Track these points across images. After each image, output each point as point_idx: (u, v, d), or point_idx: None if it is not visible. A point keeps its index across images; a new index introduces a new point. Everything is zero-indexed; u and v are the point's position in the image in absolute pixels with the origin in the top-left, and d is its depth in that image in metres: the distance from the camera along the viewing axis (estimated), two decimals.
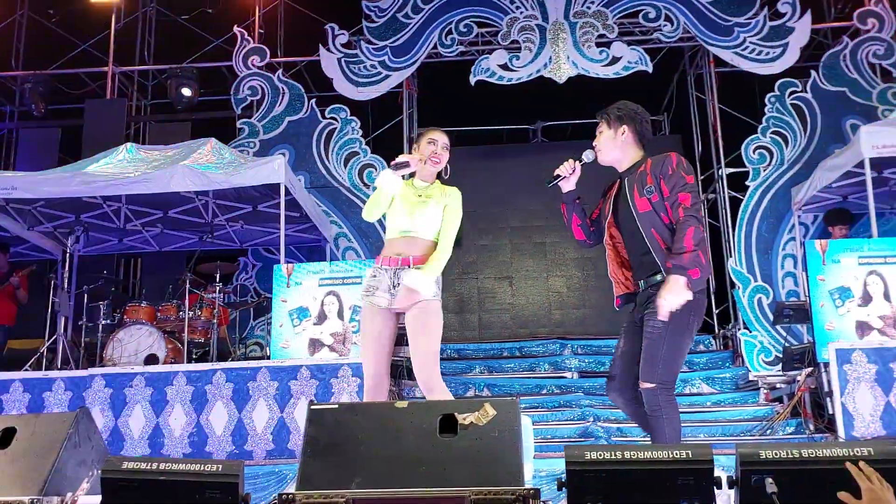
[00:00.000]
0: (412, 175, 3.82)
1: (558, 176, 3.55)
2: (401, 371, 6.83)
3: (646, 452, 2.05)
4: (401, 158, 3.63)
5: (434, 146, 3.74)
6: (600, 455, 2.06)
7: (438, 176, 3.83)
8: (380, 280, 3.61)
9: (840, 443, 1.99)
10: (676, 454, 2.01)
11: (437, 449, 2.27)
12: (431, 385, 3.52)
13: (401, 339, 7.18)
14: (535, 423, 6.92)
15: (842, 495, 1.75)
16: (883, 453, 1.90)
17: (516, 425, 2.34)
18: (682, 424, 6.44)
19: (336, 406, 2.37)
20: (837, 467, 1.93)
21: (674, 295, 3.13)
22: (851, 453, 1.91)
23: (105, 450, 2.78)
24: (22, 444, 2.59)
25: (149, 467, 2.13)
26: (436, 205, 3.71)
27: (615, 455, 2.05)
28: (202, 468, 2.15)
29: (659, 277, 3.26)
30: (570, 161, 3.56)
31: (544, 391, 7.77)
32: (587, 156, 3.58)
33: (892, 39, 8.75)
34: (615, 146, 3.52)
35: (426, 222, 3.68)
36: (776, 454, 1.96)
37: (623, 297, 3.54)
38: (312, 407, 2.39)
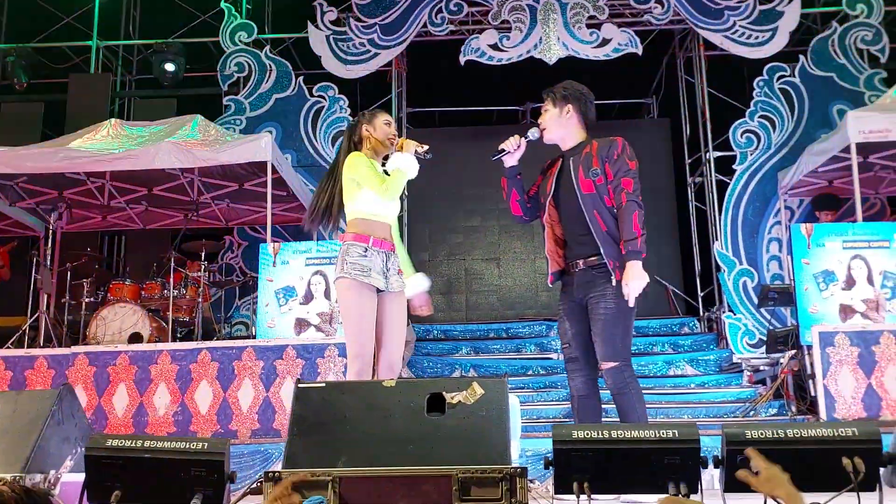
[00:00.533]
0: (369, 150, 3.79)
1: (503, 150, 3.58)
2: None
3: (633, 432, 2.05)
4: (508, 145, 3.57)
5: (391, 127, 3.78)
6: (587, 434, 2.06)
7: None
8: (372, 261, 3.54)
9: (824, 423, 2.01)
10: (663, 433, 2.02)
11: (424, 428, 2.27)
12: (397, 366, 3.63)
13: None
14: (522, 403, 6.96)
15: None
16: (865, 433, 1.92)
17: (504, 404, 2.34)
18: (667, 406, 6.52)
19: (323, 385, 2.36)
20: (821, 447, 1.94)
21: (637, 280, 3.30)
22: (836, 434, 1.92)
23: (88, 427, 2.76)
24: (3, 421, 2.57)
25: (133, 444, 2.11)
26: None
27: (602, 434, 2.06)
28: (188, 446, 2.13)
29: (598, 259, 3.36)
30: (516, 137, 3.60)
31: (530, 372, 7.81)
32: (532, 133, 3.63)
33: (880, 25, 8.76)
34: (559, 124, 3.58)
35: (394, 208, 3.74)
36: (762, 434, 1.97)
37: (556, 273, 3.60)
38: (300, 385, 2.37)
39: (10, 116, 9.76)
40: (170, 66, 9.38)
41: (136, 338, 6.79)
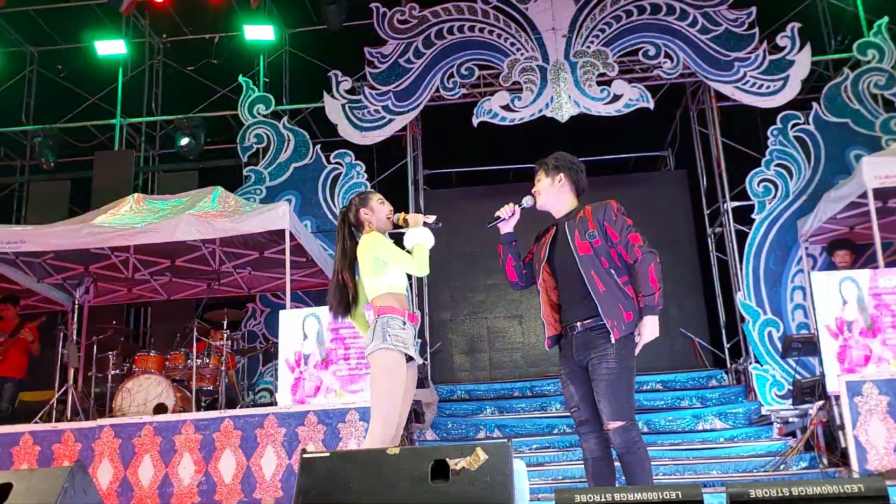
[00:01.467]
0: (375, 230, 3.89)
1: (498, 217, 3.69)
2: (409, 414, 6.78)
3: (636, 494, 2.02)
4: (503, 213, 3.69)
5: (385, 205, 3.89)
6: (590, 497, 2.04)
7: None
8: (409, 335, 3.67)
9: (830, 479, 1.96)
10: (666, 495, 1.99)
11: (428, 495, 2.25)
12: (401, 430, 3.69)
13: (422, 383, 7.21)
14: (547, 463, 6.86)
15: None
16: (871, 489, 1.88)
17: (508, 469, 2.32)
18: (696, 462, 6.38)
19: (328, 454, 2.36)
20: None
21: (651, 335, 3.35)
22: (841, 490, 1.88)
23: (100, 502, 2.78)
24: (17, 498, 2.60)
25: None
26: None
27: (605, 497, 2.03)
28: None
29: (596, 320, 3.39)
30: (510, 204, 3.69)
31: (556, 431, 7.71)
32: (526, 201, 3.71)
33: (892, 69, 8.78)
34: (552, 192, 3.69)
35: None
36: (766, 493, 1.94)
37: (553, 338, 3.64)
38: (304, 456, 2.38)
39: (38, 195, 10.09)
40: (187, 140, 9.66)
41: (160, 408, 6.82)
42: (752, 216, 8.64)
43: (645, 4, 9.27)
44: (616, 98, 8.98)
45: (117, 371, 7.45)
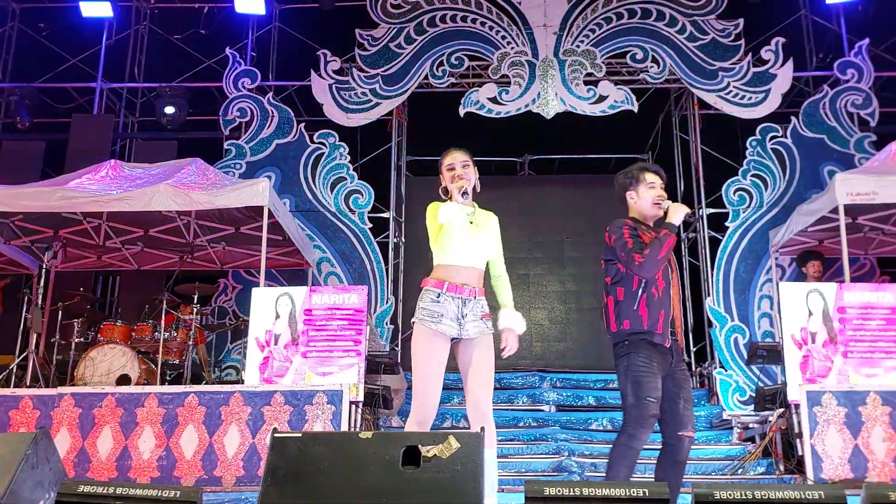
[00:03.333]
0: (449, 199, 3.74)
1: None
2: (377, 400, 6.80)
3: (603, 489, 2.06)
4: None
5: (452, 171, 3.71)
6: (559, 491, 2.07)
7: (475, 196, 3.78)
8: (445, 307, 3.51)
9: (792, 486, 2.02)
10: (634, 492, 2.03)
11: (398, 481, 2.27)
12: (488, 410, 3.54)
13: (377, 368, 7.21)
14: (511, 455, 6.91)
15: None
16: (832, 497, 1.93)
17: (479, 459, 2.34)
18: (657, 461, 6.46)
19: (299, 435, 2.36)
20: None
21: None
22: (802, 497, 1.93)
23: (63, 472, 2.75)
24: None
25: (105, 491, 2.11)
26: (485, 233, 3.69)
27: (573, 491, 2.07)
28: (160, 493, 2.13)
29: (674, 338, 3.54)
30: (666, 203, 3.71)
31: (521, 424, 7.76)
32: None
33: (869, 90, 8.94)
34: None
35: (480, 252, 3.66)
36: (730, 495, 1.98)
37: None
38: (275, 435, 2.38)
39: (11, 154, 9.87)
40: (172, 109, 9.53)
41: (124, 380, 6.76)
42: (726, 223, 8.77)
43: (636, 8, 9.32)
44: (602, 99, 9.03)
45: (81, 339, 7.36)
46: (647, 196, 3.66)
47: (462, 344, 3.57)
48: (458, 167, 3.73)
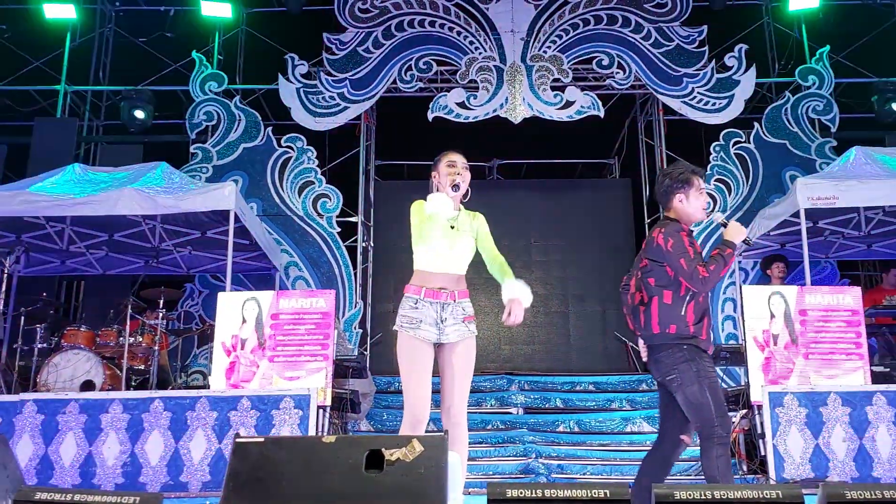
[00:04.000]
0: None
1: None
2: (344, 404, 6.78)
3: (565, 491, 2.09)
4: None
5: (453, 168, 3.71)
6: (521, 493, 2.09)
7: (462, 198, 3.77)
8: (424, 313, 3.52)
9: (751, 486, 2.06)
10: (595, 493, 2.06)
11: (362, 485, 2.27)
12: (462, 418, 3.55)
13: (345, 372, 7.19)
14: (479, 458, 6.94)
15: None
16: (789, 496, 1.98)
17: (443, 462, 2.35)
18: (622, 463, 6.53)
19: (262, 439, 2.36)
20: None
21: None
22: (761, 496, 1.98)
23: (20, 479, 2.71)
24: None
25: (63, 498, 2.09)
26: (467, 236, 3.68)
27: (535, 493, 2.09)
28: (119, 500, 2.11)
29: None
30: (720, 216, 3.80)
31: (489, 426, 7.79)
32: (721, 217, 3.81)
33: (830, 96, 9.14)
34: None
35: (461, 256, 3.66)
36: (690, 495, 2.02)
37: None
38: (237, 440, 2.37)
39: None
40: (138, 113, 9.45)
41: (88, 385, 6.66)
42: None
43: (602, 14, 9.44)
44: (569, 104, 9.13)
45: (45, 345, 7.23)
46: (698, 202, 3.64)
47: (444, 348, 3.58)
48: (460, 166, 3.74)
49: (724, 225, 3.62)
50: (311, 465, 2.28)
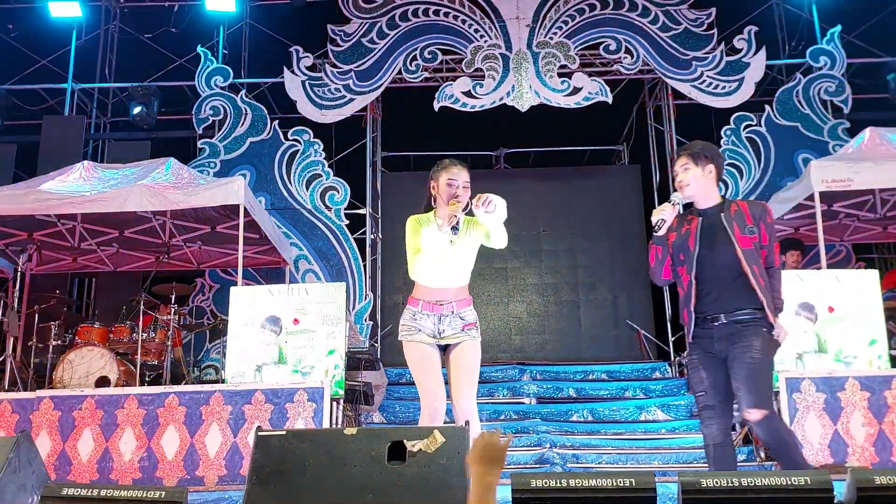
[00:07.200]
0: (430, 210, 3.78)
1: (664, 220, 3.58)
2: (358, 396, 6.78)
3: (590, 480, 2.07)
4: (667, 215, 3.55)
5: (453, 188, 3.69)
6: (546, 483, 2.07)
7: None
8: (421, 324, 3.64)
9: (779, 472, 2.03)
10: (620, 482, 2.04)
11: (384, 476, 2.26)
12: (472, 413, 3.58)
13: (358, 364, 7.19)
14: None
15: None
16: (817, 482, 1.95)
17: (464, 452, 2.34)
18: (638, 452, 6.51)
19: (284, 432, 2.34)
20: (776, 496, 1.96)
21: (786, 335, 3.47)
22: (789, 483, 1.95)
23: (45, 475, 2.71)
24: None
25: (90, 493, 2.08)
26: (465, 244, 3.71)
27: (560, 483, 2.07)
28: (145, 495, 2.11)
29: (746, 314, 3.41)
30: (670, 205, 3.62)
31: (502, 417, 7.77)
32: (679, 198, 3.65)
33: (842, 77, 9.04)
34: (702, 183, 3.62)
35: (460, 269, 3.71)
36: (717, 482, 2.00)
37: (695, 329, 3.57)
38: (260, 433, 2.36)
39: None
40: (144, 109, 9.42)
41: (103, 381, 6.68)
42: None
43: None
44: (576, 91, 9.06)
45: (59, 342, 7.27)
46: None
47: (448, 350, 3.67)
48: (461, 185, 3.72)
49: (673, 204, 3.59)
50: (333, 457, 2.27)
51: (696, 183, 3.60)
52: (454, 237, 3.67)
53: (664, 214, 3.57)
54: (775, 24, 9.96)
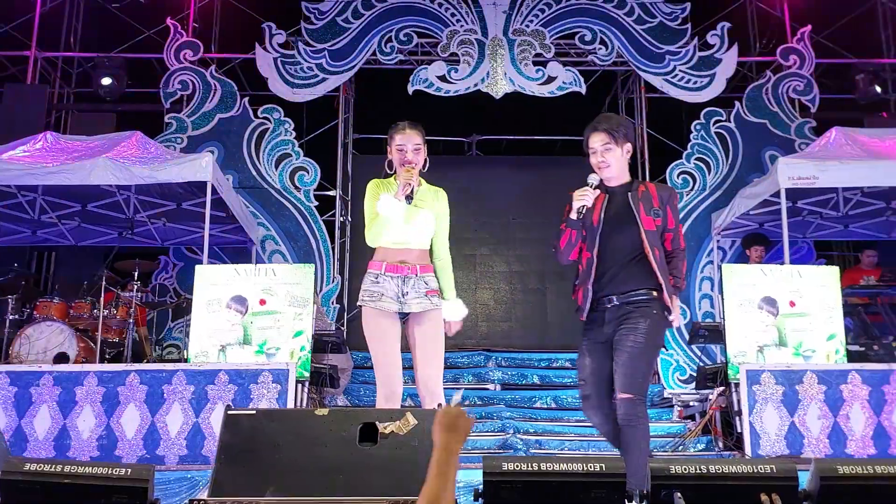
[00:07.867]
0: (393, 176, 3.75)
1: (585, 206, 3.50)
2: (323, 379, 6.74)
3: (561, 465, 2.08)
4: (588, 200, 3.46)
5: (402, 153, 3.65)
6: (517, 466, 2.08)
7: (422, 172, 3.76)
8: (384, 287, 3.55)
9: (746, 460, 2.07)
10: (590, 467, 2.05)
11: (355, 457, 2.25)
12: (438, 388, 3.54)
13: (324, 347, 7.15)
14: None
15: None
16: (783, 471, 1.98)
17: None
18: (599, 439, 6.58)
19: (254, 412, 2.32)
20: (742, 484, 2.00)
21: (679, 316, 3.51)
22: (755, 471, 1.98)
23: (6, 450, 2.64)
24: None
25: (52, 469, 2.03)
26: (428, 212, 3.68)
27: (531, 466, 2.08)
28: (110, 471, 2.06)
29: (641, 295, 3.37)
30: (589, 189, 3.52)
31: (467, 402, 7.80)
32: (595, 179, 3.55)
33: (811, 76, 9.18)
34: (621, 162, 3.58)
35: (421, 232, 3.67)
36: (685, 469, 2.02)
37: (589, 312, 3.53)
38: (229, 412, 2.33)
39: None
40: (110, 81, 9.21)
41: (61, 358, 6.55)
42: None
43: None
44: (550, 80, 9.06)
45: (16, 316, 7.10)
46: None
47: (409, 320, 3.59)
48: (410, 150, 3.69)
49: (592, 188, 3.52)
50: (304, 437, 2.25)
51: (616, 163, 3.55)
52: (409, 206, 3.63)
53: (586, 200, 3.49)
54: (748, 22, 10.06)
